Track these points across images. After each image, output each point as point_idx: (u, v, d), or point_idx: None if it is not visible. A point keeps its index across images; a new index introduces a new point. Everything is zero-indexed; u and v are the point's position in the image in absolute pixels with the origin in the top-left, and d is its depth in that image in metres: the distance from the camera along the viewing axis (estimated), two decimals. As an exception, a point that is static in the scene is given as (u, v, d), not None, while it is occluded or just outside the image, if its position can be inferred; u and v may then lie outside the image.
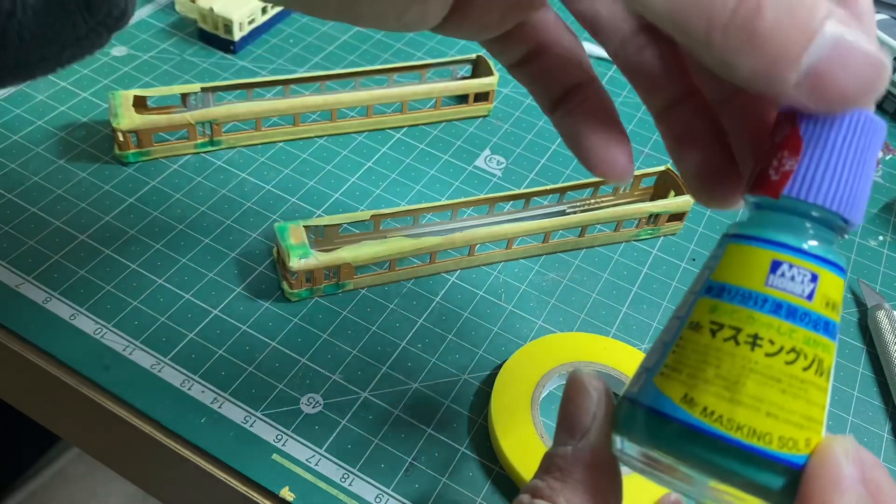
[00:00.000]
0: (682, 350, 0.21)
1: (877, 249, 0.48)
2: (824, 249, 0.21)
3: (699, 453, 0.20)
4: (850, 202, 0.21)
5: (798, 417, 0.21)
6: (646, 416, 0.21)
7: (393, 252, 0.39)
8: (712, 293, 0.22)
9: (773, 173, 0.21)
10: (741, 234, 0.22)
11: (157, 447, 0.34)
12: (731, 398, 0.20)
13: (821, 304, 0.21)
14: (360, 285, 0.40)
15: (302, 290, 0.38)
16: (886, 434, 0.39)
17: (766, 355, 0.20)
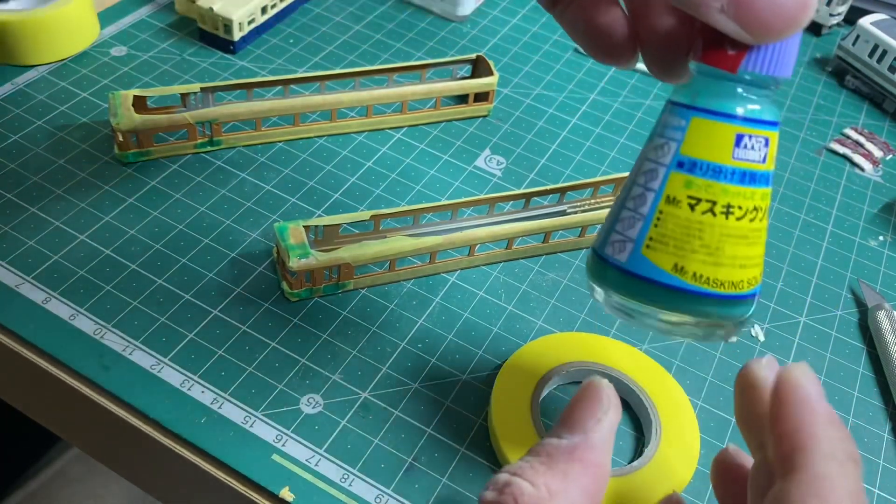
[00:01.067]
0: (664, 224, 0.25)
1: (877, 249, 0.48)
2: (770, 112, 0.24)
3: (694, 309, 0.25)
4: (791, 62, 0.24)
5: (757, 258, 0.25)
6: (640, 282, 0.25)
7: (393, 252, 0.39)
8: (684, 168, 0.24)
9: (729, 47, 0.23)
10: (704, 108, 0.24)
11: (156, 447, 0.34)
12: (714, 262, 0.24)
13: (770, 161, 0.25)
14: (360, 285, 0.40)
15: (302, 291, 0.38)
16: (887, 434, 0.39)
17: (736, 220, 0.24)
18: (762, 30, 0.22)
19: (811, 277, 0.46)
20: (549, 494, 0.22)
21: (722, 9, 0.22)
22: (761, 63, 0.23)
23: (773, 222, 0.49)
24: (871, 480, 0.37)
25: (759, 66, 0.23)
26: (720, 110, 0.24)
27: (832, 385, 0.40)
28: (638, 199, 0.25)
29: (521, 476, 0.23)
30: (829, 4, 0.65)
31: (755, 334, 0.42)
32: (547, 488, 0.22)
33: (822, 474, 0.21)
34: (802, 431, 0.22)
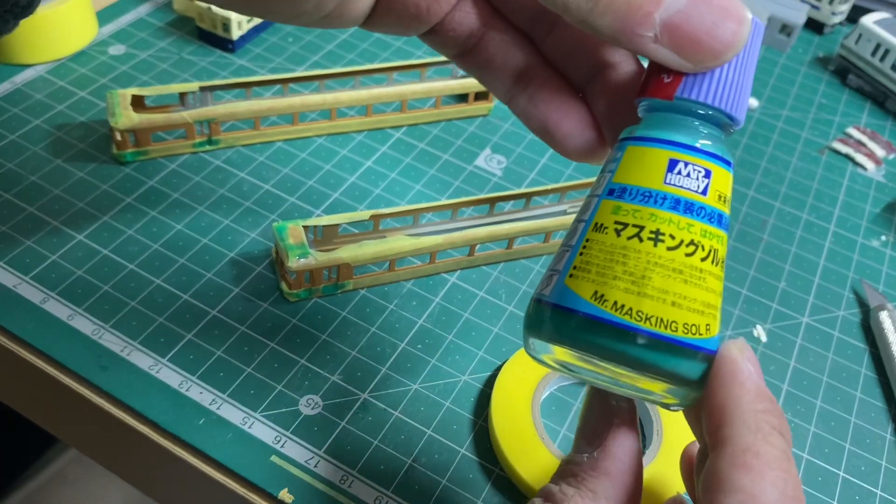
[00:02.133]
0: (589, 251, 0.23)
1: (879, 250, 0.48)
2: (715, 146, 0.23)
3: (611, 345, 0.22)
4: (736, 100, 0.23)
5: (699, 304, 0.22)
6: (557, 314, 0.22)
7: (392, 252, 0.38)
8: (614, 195, 0.23)
9: (666, 77, 0.23)
10: (638, 137, 0.23)
11: (154, 448, 0.34)
12: (638, 292, 0.22)
13: (714, 197, 0.23)
14: (360, 285, 0.40)
15: (301, 291, 0.38)
16: (889, 435, 0.38)
17: (667, 249, 0.22)
18: (698, 55, 0.22)
19: (813, 277, 0.45)
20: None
21: (656, 38, 0.22)
22: (698, 90, 0.22)
23: (776, 222, 0.48)
24: (873, 482, 0.36)
25: (696, 94, 0.22)
26: (654, 136, 0.23)
27: (834, 386, 0.40)
28: (572, 232, 0.24)
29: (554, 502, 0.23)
30: (832, 3, 0.65)
31: (757, 335, 0.42)
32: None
33: (746, 446, 0.21)
34: (728, 406, 0.22)
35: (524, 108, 0.27)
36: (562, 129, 0.26)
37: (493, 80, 0.27)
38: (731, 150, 0.53)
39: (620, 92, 0.26)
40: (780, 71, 0.61)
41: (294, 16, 0.24)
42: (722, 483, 0.21)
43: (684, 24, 0.21)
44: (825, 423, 0.38)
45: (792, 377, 0.40)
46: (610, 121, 0.26)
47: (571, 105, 0.26)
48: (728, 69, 0.22)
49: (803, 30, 0.66)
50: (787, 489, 0.21)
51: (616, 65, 0.26)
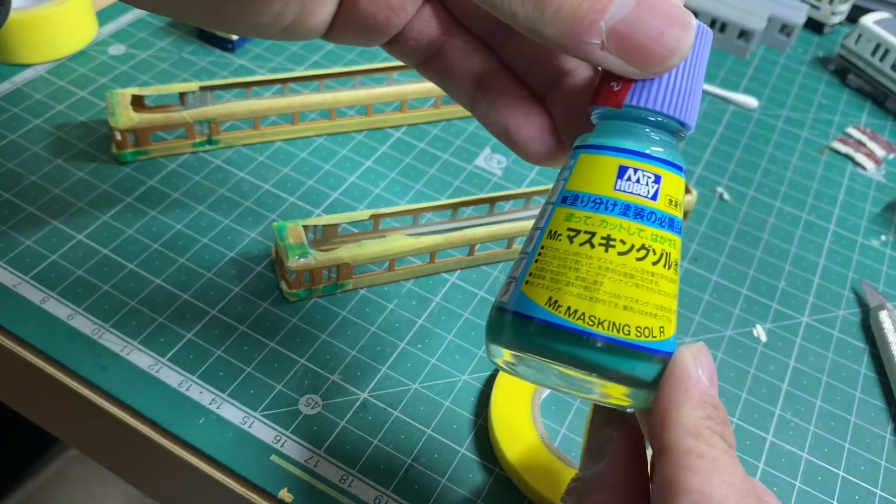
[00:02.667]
0: (543, 258, 0.23)
1: (879, 249, 0.48)
2: (665, 152, 0.23)
3: (566, 350, 0.22)
4: (686, 106, 0.23)
5: (651, 308, 0.22)
6: (515, 320, 0.23)
7: (392, 252, 0.38)
8: (567, 202, 0.23)
9: (615, 85, 0.23)
10: (590, 145, 0.24)
11: (154, 448, 0.34)
12: (590, 297, 0.22)
13: (664, 202, 0.23)
14: (360, 285, 0.40)
15: (301, 291, 0.38)
16: (889, 435, 0.38)
17: (619, 254, 0.22)
18: (645, 62, 0.22)
19: (813, 277, 0.45)
20: None
21: (602, 46, 0.22)
22: (647, 97, 0.23)
23: (776, 222, 0.48)
24: (873, 482, 0.36)
25: (644, 101, 0.23)
26: (605, 144, 0.23)
27: (834, 385, 0.40)
28: (529, 240, 0.24)
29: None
30: (832, 3, 0.65)
31: (757, 335, 0.42)
32: None
33: (689, 448, 0.21)
34: (670, 411, 0.22)
35: (486, 115, 0.27)
36: (522, 134, 0.26)
37: (455, 88, 0.28)
38: (681, 154, 0.53)
39: (577, 98, 0.26)
40: (780, 71, 0.61)
41: (253, 28, 0.25)
42: (671, 487, 0.21)
43: (630, 32, 0.22)
44: (825, 423, 0.38)
45: (792, 377, 0.40)
46: (568, 126, 0.26)
47: (531, 111, 0.27)
48: (676, 75, 0.23)
49: (803, 30, 0.66)
50: (735, 483, 0.21)
51: (573, 71, 0.26)
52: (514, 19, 0.22)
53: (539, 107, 0.27)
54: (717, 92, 0.57)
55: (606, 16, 0.22)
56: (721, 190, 0.50)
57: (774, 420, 0.38)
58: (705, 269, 0.45)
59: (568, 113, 0.26)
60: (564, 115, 0.26)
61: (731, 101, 0.57)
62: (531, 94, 0.27)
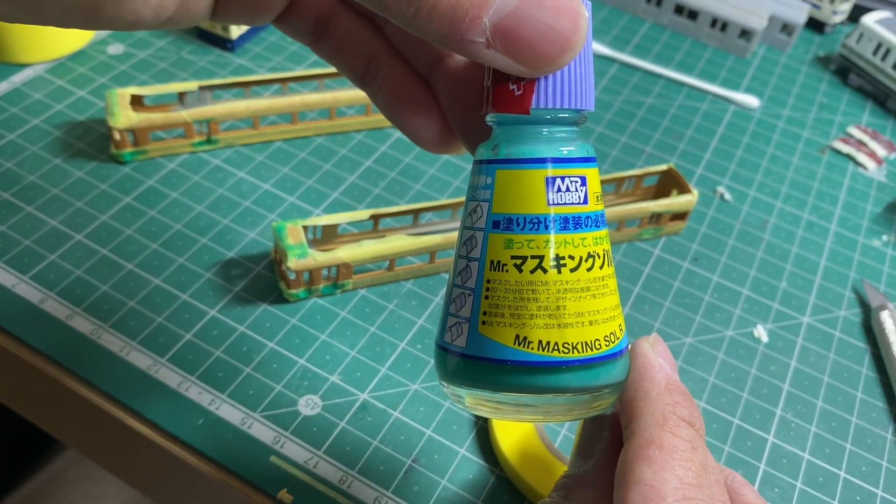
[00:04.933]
0: (495, 293, 0.22)
1: (880, 249, 0.48)
2: (580, 148, 0.22)
3: (546, 384, 0.21)
4: (588, 93, 0.22)
5: (609, 312, 0.22)
6: (482, 366, 0.22)
7: (392, 251, 0.38)
8: (501, 227, 0.22)
9: (516, 88, 0.21)
10: (505, 159, 0.22)
11: (153, 449, 0.34)
12: (558, 324, 0.21)
13: (593, 201, 0.22)
14: (359, 285, 0.39)
15: (300, 291, 0.38)
16: (890, 436, 0.38)
17: (571, 271, 0.21)
18: (536, 59, 0.20)
19: (814, 277, 0.45)
20: None
21: (488, 44, 0.20)
22: (553, 97, 0.21)
23: (777, 222, 0.48)
24: (874, 482, 0.36)
25: (552, 101, 0.21)
26: (523, 156, 0.22)
27: (835, 386, 0.40)
28: (464, 272, 0.22)
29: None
30: (833, 2, 0.65)
31: (758, 335, 0.41)
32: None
33: (651, 438, 0.21)
34: (637, 400, 0.22)
35: (375, 99, 0.26)
36: (410, 123, 0.25)
37: (345, 69, 0.27)
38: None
39: (460, 81, 0.25)
40: (781, 70, 0.61)
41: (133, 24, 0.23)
42: (626, 476, 0.21)
43: (516, 28, 0.20)
44: (826, 424, 0.38)
45: (793, 377, 0.40)
46: (454, 112, 0.25)
47: (418, 96, 0.25)
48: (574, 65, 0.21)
49: (804, 29, 0.66)
50: (688, 477, 0.21)
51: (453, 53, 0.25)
52: (390, 15, 0.20)
53: (426, 92, 0.26)
54: (718, 92, 0.57)
55: (490, 11, 0.19)
56: (722, 190, 0.50)
57: (775, 421, 0.38)
58: (706, 269, 0.44)
59: (452, 98, 0.25)
60: (449, 100, 0.25)
61: (731, 101, 0.57)
62: (418, 77, 0.26)
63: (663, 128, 0.53)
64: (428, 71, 0.26)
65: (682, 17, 0.62)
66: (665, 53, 0.60)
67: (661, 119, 0.54)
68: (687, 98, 0.56)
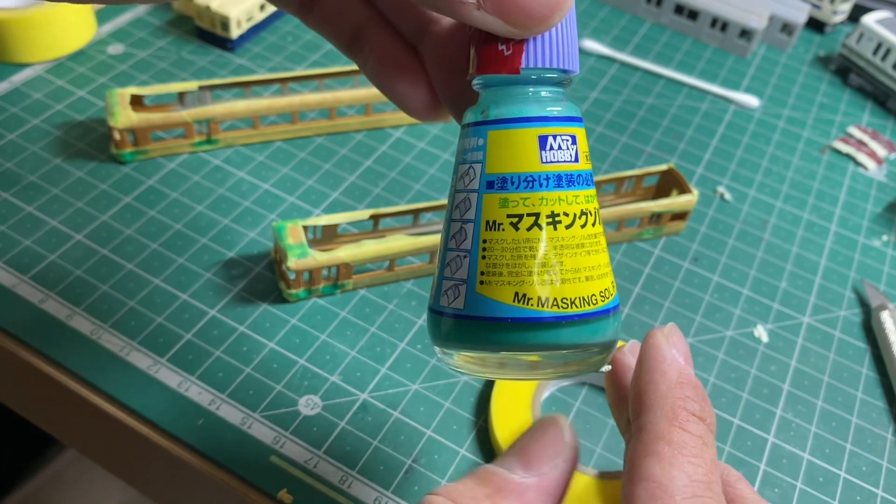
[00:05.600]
0: (492, 252, 0.22)
1: (881, 250, 0.48)
2: (568, 108, 0.22)
3: (546, 339, 0.21)
4: (574, 55, 0.22)
5: (603, 268, 0.22)
6: (481, 325, 0.22)
7: (392, 251, 0.38)
8: (495, 187, 0.22)
9: (505, 49, 0.22)
10: (496, 120, 0.22)
11: (153, 449, 0.33)
12: (556, 280, 0.21)
13: (583, 160, 0.22)
14: (360, 285, 0.39)
15: (300, 291, 0.38)
16: (890, 436, 0.38)
17: (566, 228, 0.22)
18: (526, 20, 0.21)
19: (814, 277, 0.45)
20: None
21: (479, 5, 0.20)
22: (542, 57, 0.21)
23: (777, 222, 0.48)
24: (874, 482, 0.36)
25: (541, 61, 0.21)
26: (514, 116, 0.22)
27: (835, 386, 0.40)
28: (458, 235, 0.22)
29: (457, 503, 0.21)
30: (833, 2, 0.65)
31: (758, 335, 0.41)
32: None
33: (660, 434, 0.21)
34: (648, 393, 0.22)
35: (363, 69, 0.26)
36: (397, 90, 0.26)
37: (333, 38, 0.27)
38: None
39: (447, 47, 0.25)
40: (782, 70, 0.61)
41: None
42: (633, 471, 0.20)
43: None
44: (826, 424, 0.38)
45: (793, 377, 0.40)
46: (440, 79, 0.25)
47: (405, 63, 0.25)
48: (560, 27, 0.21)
49: (804, 29, 0.66)
50: (698, 474, 0.20)
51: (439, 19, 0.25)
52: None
53: (413, 60, 0.26)
54: (718, 91, 0.57)
55: None
56: (722, 190, 0.50)
57: (776, 421, 0.38)
58: (706, 269, 0.44)
59: (439, 65, 0.25)
60: (436, 66, 0.25)
61: (732, 101, 0.57)
62: (405, 45, 0.26)
63: (663, 128, 0.53)
64: (415, 38, 0.26)
65: (682, 16, 0.62)
66: (665, 53, 0.60)
67: (661, 119, 0.54)
68: (687, 98, 0.56)
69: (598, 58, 0.58)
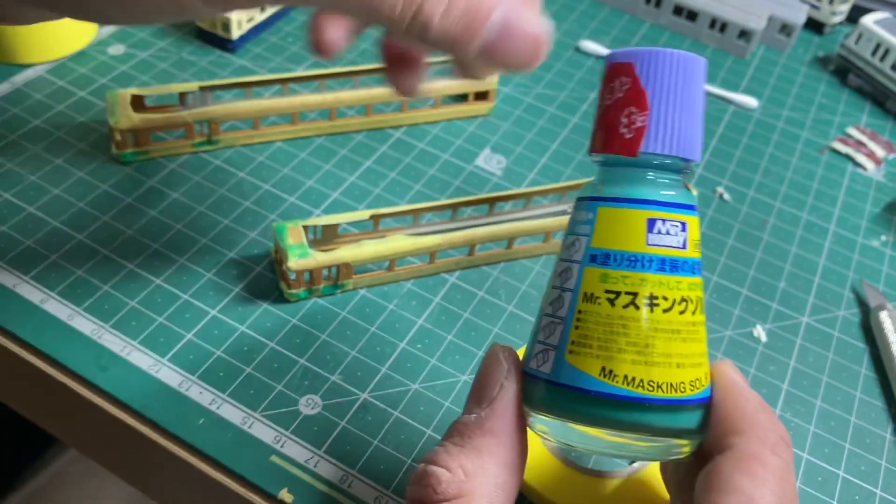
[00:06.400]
0: (585, 324, 0.22)
1: (879, 250, 0.48)
2: (681, 195, 0.23)
3: (628, 418, 0.22)
4: (695, 143, 0.23)
5: (697, 357, 0.22)
6: (566, 394, 0.22)
7: (392, 252, 0.38)
8: (598, 261, 0.22)
9: (626, 131, 0.22)
10: (608, 197, 0.23)
11: (154, 449, 0.34)
12: (645, 361, 0.21)
13: (692, 248, 0.23)
14: (360, 285, 0.40)
15: (300, 291, 0.38)
16: (889, 435, 0.38)
17: (663, 312, 0.22)
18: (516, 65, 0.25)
19: (813, 277, 0.45)
20: (466, 475, 0.23)
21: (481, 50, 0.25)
22: (661, 143, 0.22)
23: (776, 222, 0.48)
24: (873, 482, 0.36)
25: (660, 147, 0.22)
26: (627, 196, 0.22)
27: (834, 386, 0.40)
28: (556, 302, 0.23)
29: (436, 463, 0.23)
30: (832, 3, 0.65)
31: (757, 335, 0.42)
32: (462, 469, 0.23)
33: (753, 454, 0.22)
34: (735, 416, 0.23)
35: None
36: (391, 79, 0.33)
37: None
38: (692, 192, 0.53)
39: None
40: (780, 71, 0.61)
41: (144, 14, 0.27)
42: (724, 483, 0.22)
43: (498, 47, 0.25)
44: (825, 423, 0.38)
45: (792, 377, 0.40)
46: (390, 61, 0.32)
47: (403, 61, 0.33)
48: (683, 114, 0.22)
49: (803, 30, 0.66)
50: (784, 498, 0.22)
51: None
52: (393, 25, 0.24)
53: None
54: (717, 92, 0.57)
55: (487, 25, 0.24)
56: (721, 190, 0.50)
57: (774, 420, 0.38)
58: (706, 269, 0.44)
59: None
60: None
61: (731, 101, 0.57)
62: None
63: (663, 128, 0.53)
64: None
65: (681, 17, 0.62)
66: (664, 54, 0.60)
67: (660, 119, 0.54)
68: (686, 98, 0.56)
69: (597, 58, 0.58)
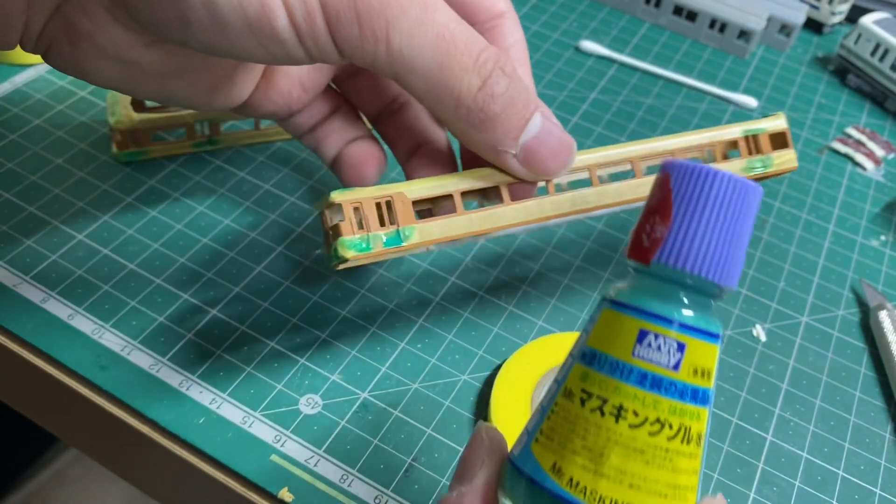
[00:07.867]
0: (555, 417, 0.22)
1: (879, 249, 0.48)
2: (695, 318, 0.21)
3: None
4: (724, 268, 0.21)
5: (663, 486, 0.21)
6: (524, 483, 0.22)
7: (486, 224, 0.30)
8: (585, 360, 0.22)
9: (646, 239, 0.22)
10: (616, 301, 0.22)
11: (154, 448, 0.34)
12: (595, 470, 0.21)
13: (688, 372, 0.21)
14: (426, 237, 0.29)
15: (356, 238, 0.29)
16: (888, 435, 0.39)
17: (630, 427, 0.21)
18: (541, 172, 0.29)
19: (813, 277, 0.46)
20: None
21: (516, 156, 0.28)
22: (676, 257, 0.21)
23: (775, 221, 0.48)
24: (872, 481, 0.37)
25: (674, 261, 0.21)
26: (628, 303, 0.21)
27: (834, 385, 0.40)
28: (548, 390, 0.23)
29: None
30: (831, 3, 0.65)
31: (757, 334, 0.42)
32: None
33: None
34: None
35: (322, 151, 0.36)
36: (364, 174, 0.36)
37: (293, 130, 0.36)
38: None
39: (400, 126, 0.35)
40: (780, 71, 0.61)
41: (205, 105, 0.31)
42: None
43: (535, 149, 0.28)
44: (825, 423, 0.38)
45: (791, 377, 0.40)
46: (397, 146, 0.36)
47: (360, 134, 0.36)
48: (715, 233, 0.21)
49: (802, 30, 0.66)
50: None
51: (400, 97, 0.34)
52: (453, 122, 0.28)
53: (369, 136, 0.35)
54: (717, 92, 0.57)
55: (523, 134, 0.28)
56: (721, 190, 0.50)
57: (774, 420, 0.38)
58: (705, 268, 0.44)
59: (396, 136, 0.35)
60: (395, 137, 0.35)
61: (730, 101, 0.57)
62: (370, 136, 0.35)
63: (662, 128, 0.53)
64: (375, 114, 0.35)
65: (680, 17, 0.62)
66: (664, 54, 0.60)
67: (660, 119, 0.54)
68: (686, 98, 0.56)
69: (597, 58, 0.58)
